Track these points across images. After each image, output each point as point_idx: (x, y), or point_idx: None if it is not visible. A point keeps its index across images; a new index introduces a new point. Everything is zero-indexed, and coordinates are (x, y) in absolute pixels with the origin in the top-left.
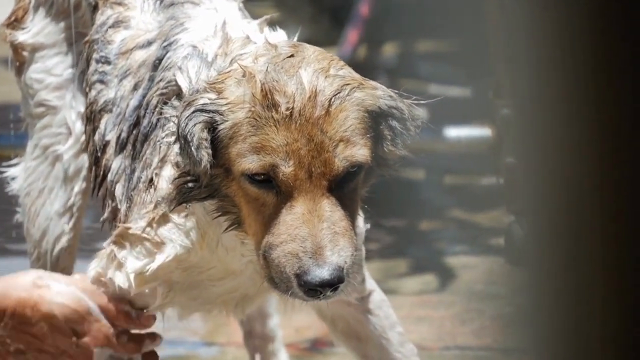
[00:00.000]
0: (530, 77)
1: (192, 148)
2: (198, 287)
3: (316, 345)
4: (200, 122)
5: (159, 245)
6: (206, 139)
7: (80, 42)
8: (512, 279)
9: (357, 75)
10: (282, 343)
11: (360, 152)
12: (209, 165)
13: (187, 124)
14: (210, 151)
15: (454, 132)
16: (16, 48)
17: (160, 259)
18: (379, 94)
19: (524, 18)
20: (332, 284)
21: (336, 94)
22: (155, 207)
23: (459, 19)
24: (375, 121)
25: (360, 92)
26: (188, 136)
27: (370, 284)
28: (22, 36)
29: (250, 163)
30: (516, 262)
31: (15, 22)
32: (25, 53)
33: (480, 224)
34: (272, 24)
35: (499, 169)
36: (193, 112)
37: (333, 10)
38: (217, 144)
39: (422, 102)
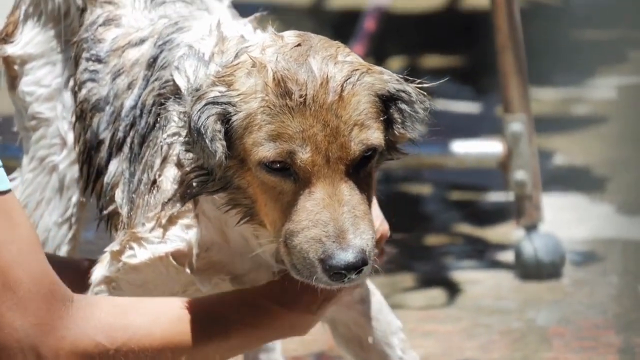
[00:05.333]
0: None
1: (207, 141)
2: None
3: (321, 359)
4: (213, 115)
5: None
6: (220, 131)
7: (68, 51)
8: (521, 294)
9: (363, 61)
10: (282, 354)
11: (374, 135)
12: (224, 157)
13: (199, 117)
14: (224, 143)
15: (461, 147)
16: (7, 62)
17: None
18: (386, 78)
19: None
20: (357, 267)
21: (347, 79)
22: (162, 208)
23: (466, 34)
24: (385, 105)
25: (369, 76)
26: (201, 129)
27: (371, 286)
28: (11, 49)
29: (267, 151)
30: (526, 277)
31: (6, 36)
32: (16, 67)
33: (488, 239)
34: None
35: (508, 184)
36: (205, 105)
37: (335, 25)
38: (231, 135)
39: (427, 84)
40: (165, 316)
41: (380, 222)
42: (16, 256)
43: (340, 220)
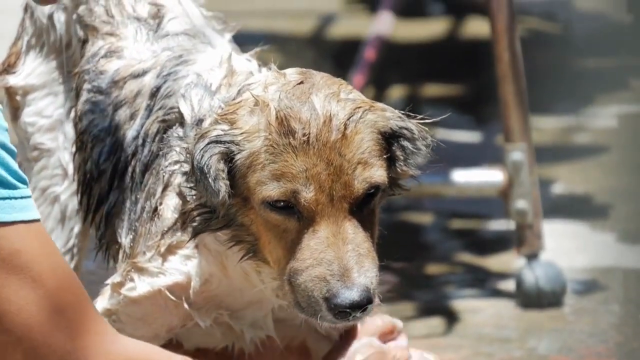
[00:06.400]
0: None
1: (210, 180)
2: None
3: None
4: (216, 154)
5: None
6: (223, 170)
7: (69, 82)
8: (522, 323)
9: (365, 98)
10: None
11: (377, 173)
12: (227, 196)
13: (202, 156)
14: (227, 182)
15: (462, 177)
16: (10, 93)
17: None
18: (388, 115)
19: None
20: (362, 305)
21: (350, 117)
22: (162, 237)
23: (467, 63)
24: (387, 142)
25: (372, 114)
26: (204, 168)
27: None
28: (13, 79)
29: (271, 190)
30: (527, 306)
31: (8, 67)
32: (18, 97)
33: (488, 268)
34: (269, 65)
35: (509, 213)
36: (208, 144)
37: (335, 54)
38: (234, 174)
39: (428, 119)
40: None
41: (394, 346)
42: (64, 281)
43: (344, 259)
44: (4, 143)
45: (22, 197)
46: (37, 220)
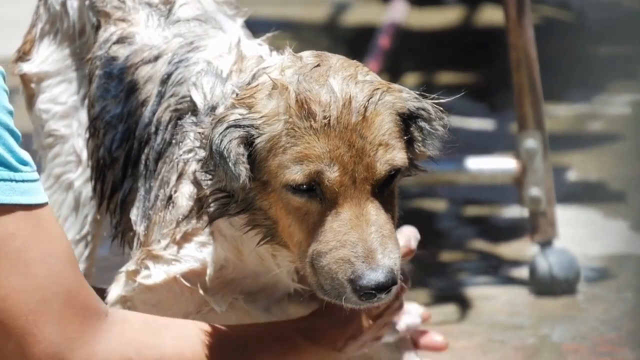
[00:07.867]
0: None
1: (230, 164)
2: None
3: None
4: (236, 138)
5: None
6: (243, 154)
7: (83, 69)
8: (536, 310)
9: (381, 80)
10: None
11: (399, 155)
12: (247, 180)
13: (221, 141)
14: (248, 166)
15: (475, 164)
16: (24, 81)
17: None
18: (405, 96)
19: None
20: (387, 287)
21: (369, 99)
22: (177, 225)
23: (480, 51)
24: (405, 123)
25: (390, 95)
26: (224, 152)
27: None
28: (27, 66)
29: (295, 174)
30: (541, 293)
31: (23, 54)
32: (32, 85)
33: (502, 255)
34: (284, 49)
35: (523, 201)
36: (227, 128)
37: (350, 42)
38: (254, 157)
39: (443, 99)
40: (193, 340)
41: (403, 239)
42: (54, 270)
43: (368, 241)
44: (7, 124)
45: (24, 181)
46: (41, 205)
